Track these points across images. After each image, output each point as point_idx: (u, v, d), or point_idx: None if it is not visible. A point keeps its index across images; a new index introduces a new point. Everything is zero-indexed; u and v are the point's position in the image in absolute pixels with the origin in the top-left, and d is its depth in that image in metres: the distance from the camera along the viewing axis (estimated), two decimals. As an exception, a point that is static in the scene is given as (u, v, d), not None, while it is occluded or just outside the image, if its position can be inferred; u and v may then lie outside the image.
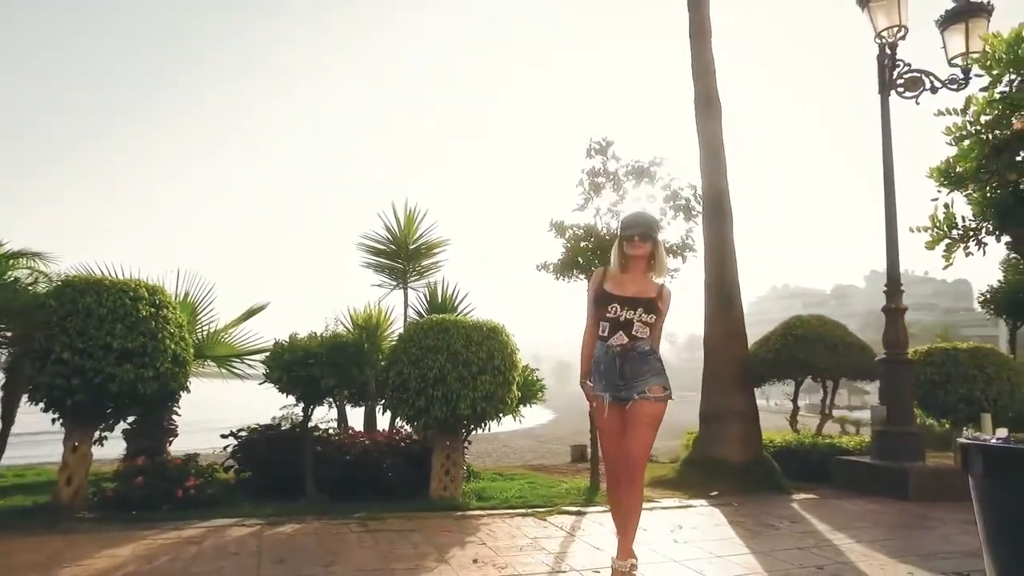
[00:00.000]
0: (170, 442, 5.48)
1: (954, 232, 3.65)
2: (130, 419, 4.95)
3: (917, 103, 6.36)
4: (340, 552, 3.24)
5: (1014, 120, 3.04)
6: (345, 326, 5.93)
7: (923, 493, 5.27)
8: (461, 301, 6.66)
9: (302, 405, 5.03)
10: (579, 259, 5.75)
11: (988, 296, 8.75)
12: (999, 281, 8.70)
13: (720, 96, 6.94)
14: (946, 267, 3.76)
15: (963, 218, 3.54)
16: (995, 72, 3.18)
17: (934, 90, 6.30)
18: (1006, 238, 3.61)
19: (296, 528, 3.76)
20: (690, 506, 4.88)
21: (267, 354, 5.05)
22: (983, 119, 3.19)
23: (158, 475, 4.33)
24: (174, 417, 5.50)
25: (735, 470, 5.83)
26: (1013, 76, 3.11)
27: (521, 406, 5.69)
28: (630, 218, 3.03)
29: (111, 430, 4.72)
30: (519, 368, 5.24)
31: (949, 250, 3.69)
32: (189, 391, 4.78)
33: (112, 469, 5.09)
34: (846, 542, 3.81)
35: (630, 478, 2.83)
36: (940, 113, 3.37)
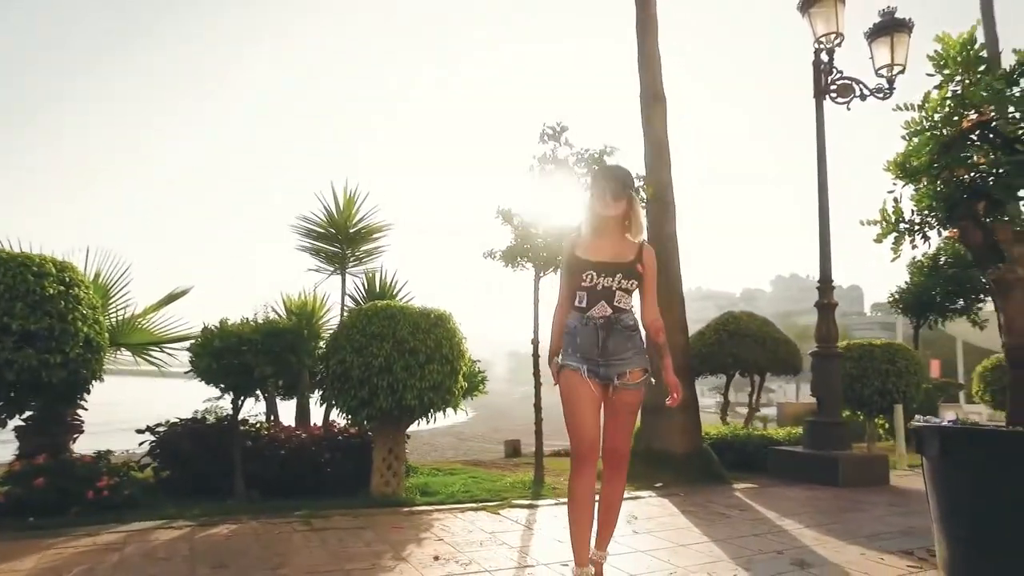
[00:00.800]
0: (74, 440, 4.90)
1: (902, 225, 3.81)
2: (25, 414, 4.38)
3: (848, 109, 6.67)
4: (287, 553, 2.95)
5: (965, 118, 3.16)
6: (278, 313, 5.53)
7: (851, 479, 5.51)
8: (400, 289, 6.40)
9: (231, 397, 4.62)
10: (527, 247, 5.62)
11: (896, 296, 9.34)
12: (905, 282, 9.32)
13: (665, 90, 7.01)
14: (894, 259, 3.89)
15: (912, 211, 3.68)
16: (946, 72, 3.30)
17: (863, 97, 6.63)
18: (945, 232, 3.79)
19: (232, 529, 3.40)
20: (639, 497, 4.86)
21: (193, 341, 4.61)
22: (936, 116, 3.31)
23: (63, 475, 3.82)
24: (79, 412, 4.92)
25: (677, 461, 5.88)
26: (963, 77, 3.24)
27: (465, 398, 5.53)
28: (601, 174, 2.65)
29: (3, 426, 4.16)
30: (466, 358, 5.06)
31: (897, 243, 3.83)
32: (103, 380, 4.27)
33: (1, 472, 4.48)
34: (796, 527, 3.87)
35: (616, 471, 2.59)
36: (898, 108, 3.47)
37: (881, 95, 6.62)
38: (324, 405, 5.16)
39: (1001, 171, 3.25)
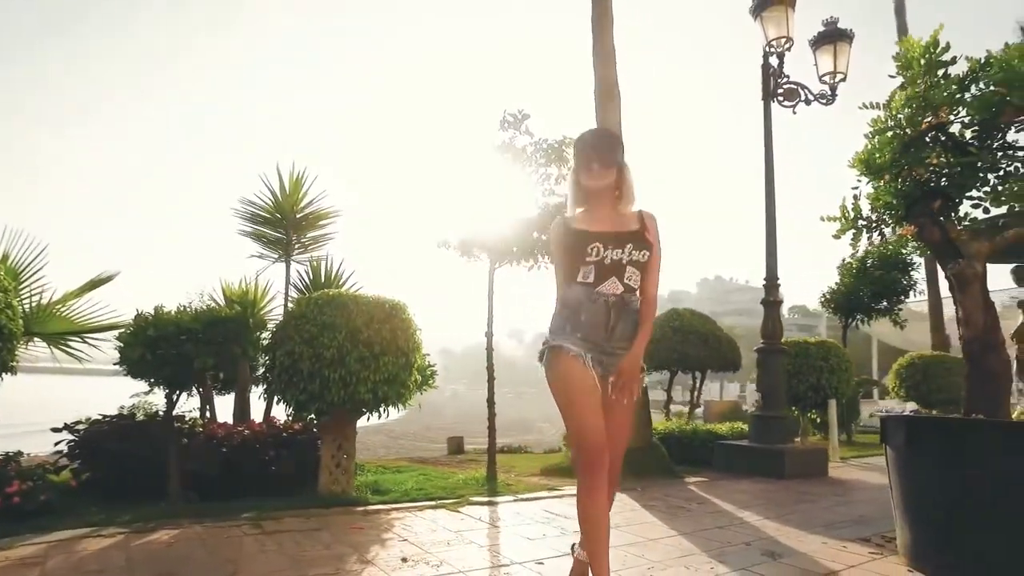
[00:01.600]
0: (-24, 440, 4.39)
1: (860, 222, 3.91)
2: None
3: (794, 112, 6.89)
4: (240, 560, 2.68)
5: (925, 120, 3.26)
6: (216, 302, 5.15)
7: (794, 471, 5.68)
8: (347, 279, 6.12)
9: (165, 391, 4.25)
10: (483, 237, 5.48)
11: (828, 297, 9.78)
12: (836, 283, 9.77)
13: (620, 85, 7.02)
14: (853, 255, 4.02)
15: (872, 208, 3.79)
16: (909, 73, 3.40)
17: (808, 102, 6.86)
18: (900, 229, 3.92)
19: (173, 535, 3.08)
20: (596, 492, 4.80)
21: (122, 331, 4.21)
22: (899, 116, 3.41)
23: (-35, 480, 3.39)
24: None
25: (629, 456, 5.81)
26: (925, 79, 3.35)
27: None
28: (586, 140, 2.29)
29: None
30: (421, 350, 4.87)
31: (856, 238, 3.94)
32: (15, 373, 3.82)
33: None
34: (756, 519, 3.91)
35: (614, 473, 2.20)
36: (864, 107, 3.56)
37: (824, 101, 6.87)
38: (267, 399, 4.83)
39: (954, 172, 3.39)
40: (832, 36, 6.88)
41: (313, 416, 4.45)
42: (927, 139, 3.43)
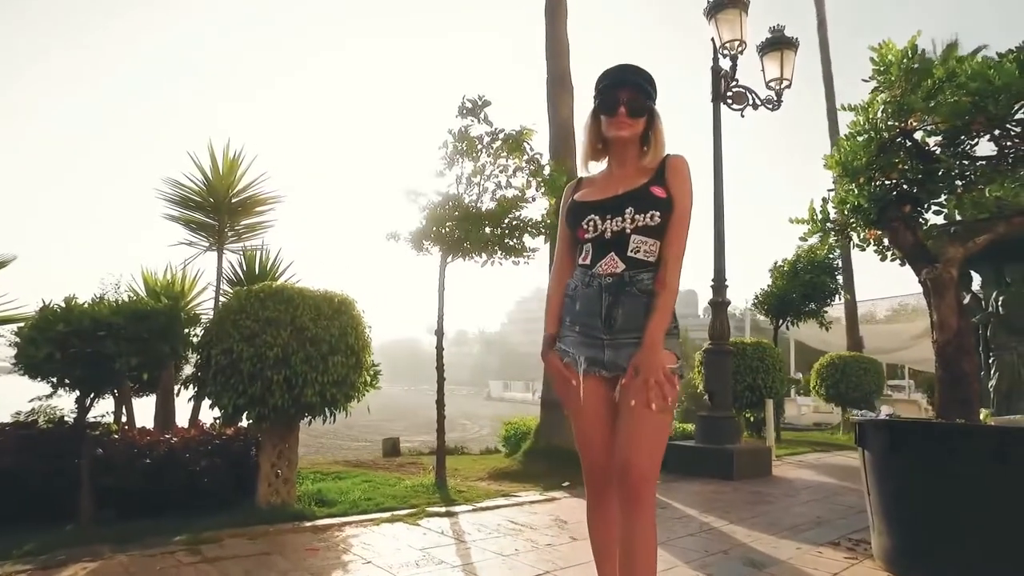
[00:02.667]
0: None
1: (828, 225, 3.92)
2: None
3: (742, 116, 6.97)
4: (180, 596, 2.30)
5: (899, 124, 3.27)
6: (138, 293, 4.59)
7: (742, 472, 5.73)
8: (285, 271, 5.65)
9: (77, 394, 3.71)
10: (438, 229, 5.19)
11: (760, 298, 10.07)
12: (768, 285, 10.07)
13: (572, 77, 6.91)
14: (823, 257, 4.02)
15: (843, 212, 3.79)
16: (884, 79, 3.40)
17: (755, 106, 6.97)
18: (864, 233, 3.95)
19: (92, 568, 2.62)
20: (554, 498, 4.64)
21: (20, 325, 3.64)
22: (876, 119, 3.40)
23: None
24: None
25: (577, 458, 5.75)
26: (902, 83, 3.36)
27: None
28: (611, 75, 1.84)
29: None
30: (370, 348, 4.53)
31: (823, 241, 3.94)
32: None
33: None
34: (723, 524, 3.85)
35: (631, 501, 1.67)
36: (843, 108, 3.54)
37: (770, 106, 7.00)
38: (195, 403, 4.35)
39: (923, 177, 3.42)
40: (779, 43, 7.02)
41: (251, 421, 4.03)
42: (895, 144, 3.45)
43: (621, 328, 1.75)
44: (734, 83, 6.82)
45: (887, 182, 3.39)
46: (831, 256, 9.68)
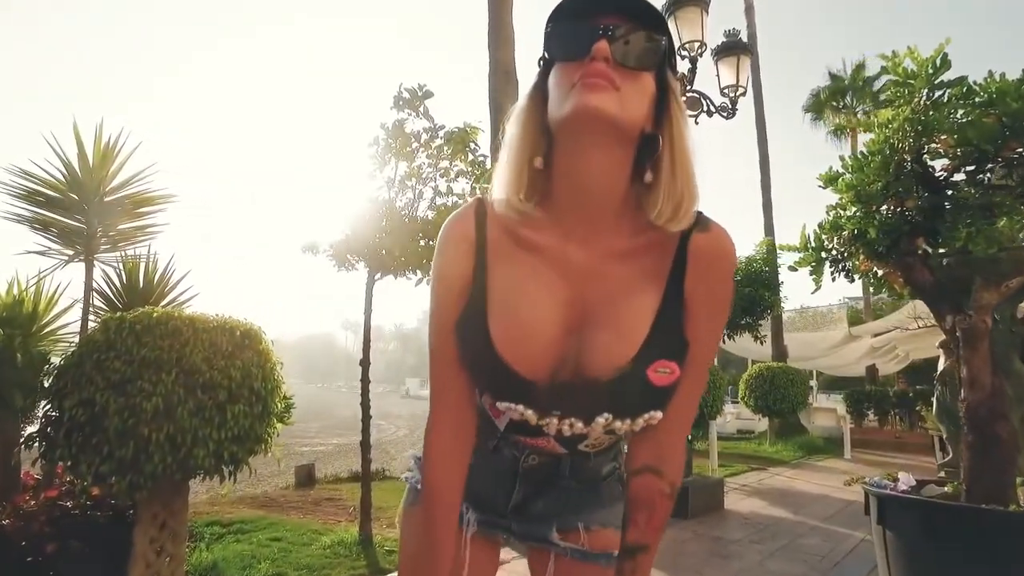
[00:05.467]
0: None
1: (823, 254, 3.47)
2: None
3: (696, 122, 6.56)
4: None
5: (938, 143, 2.83)
6: (-33, 317, 3.52)
7: (698, 509, 5.31)
8: (177, 284, 4.67)
9: None
10: (368, 241, 4.42)
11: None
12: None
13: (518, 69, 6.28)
14: (815, 291, 3.58)
15: (840, 240, 3.35)
16: (904, 91, 2.97)
17: (710, 113, 6.58)
18: (860, 266, 3.54)
19: None
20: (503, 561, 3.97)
21: None
22: (894, 139, 2.96)
23: None
24: None
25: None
26: (924, 98, 2.93)
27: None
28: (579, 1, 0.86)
29: None
30: (282, 389, 3.71)
31: (817, 272, 3.49)
32: None
33: None
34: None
35: None
36: (859, 126, 3.08)
37: (725, 114, 6.64)
38: (45, 466, 3.38)
39: (941, 207, 3.02)
40: (734, 48, 6.67)
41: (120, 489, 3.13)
42: (913, 168, 3.03)
43: (538, 515, 1.12)
44: (688, 88, 6.41)
45: (904, 211, 2.95)
46: (766, 270, 9.58)
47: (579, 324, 0.88)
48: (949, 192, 2.92)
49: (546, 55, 0.90)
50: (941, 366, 3.82)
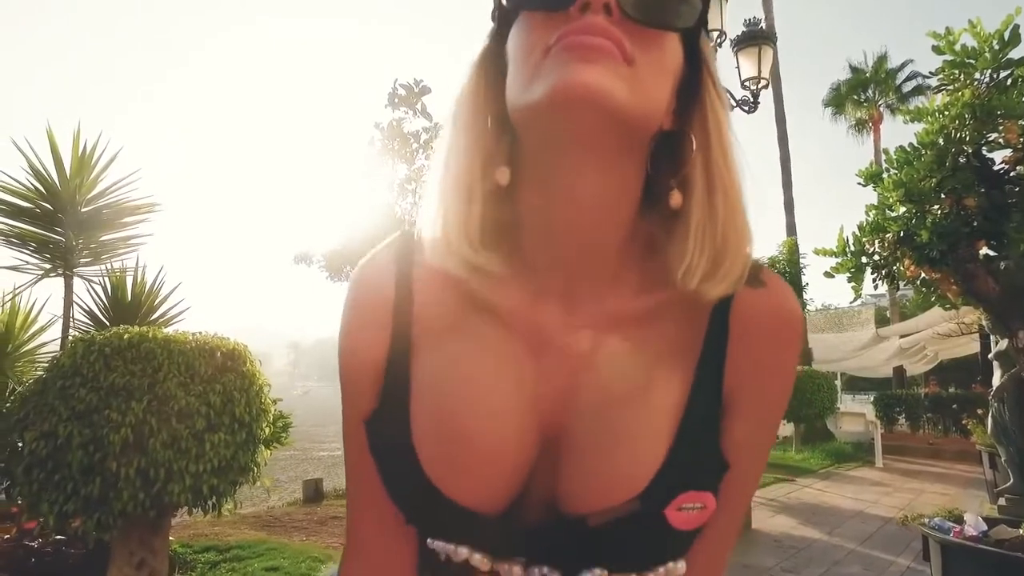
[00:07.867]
0: None
1: (863, 259, 3.11)
2: None
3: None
4: None
5: (1002, 130, 2.47)
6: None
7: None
8: (166, 298, 4.42)
9: None
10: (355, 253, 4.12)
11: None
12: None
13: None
14: (855, 299, 3.22)
15: (883, 243, 2.99)
16: (962, 73, 2.60)
17: (731, 107, 6.21)
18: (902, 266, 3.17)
19: None
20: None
21: None
22: (951, 127, 2.60)
23: None
24: None
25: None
26: (988, 79, 2.57)
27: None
28: None
29: None
30: (270, 413, 3.42)
31: (856, 279, 3.12)
32: None
33: None
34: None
35: None
36: (906, 117, 2.72)
37: (746, 108, 6.27)
38: (8, 504, 3.12)
39: (1009, 203, 2.65)
40: (756, 38, 6.28)
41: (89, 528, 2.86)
42: (970, 162, 2.67)
43: None
44: (708, 81, 6.05)
45: (962, 211, 2.58)
46: (789, 271, 9.18)
47: (557, 433, 0.54)
48: (1016, 188, 2.55)
49: (503, 2, 0.54)
50: (996, 380, 3.43)
